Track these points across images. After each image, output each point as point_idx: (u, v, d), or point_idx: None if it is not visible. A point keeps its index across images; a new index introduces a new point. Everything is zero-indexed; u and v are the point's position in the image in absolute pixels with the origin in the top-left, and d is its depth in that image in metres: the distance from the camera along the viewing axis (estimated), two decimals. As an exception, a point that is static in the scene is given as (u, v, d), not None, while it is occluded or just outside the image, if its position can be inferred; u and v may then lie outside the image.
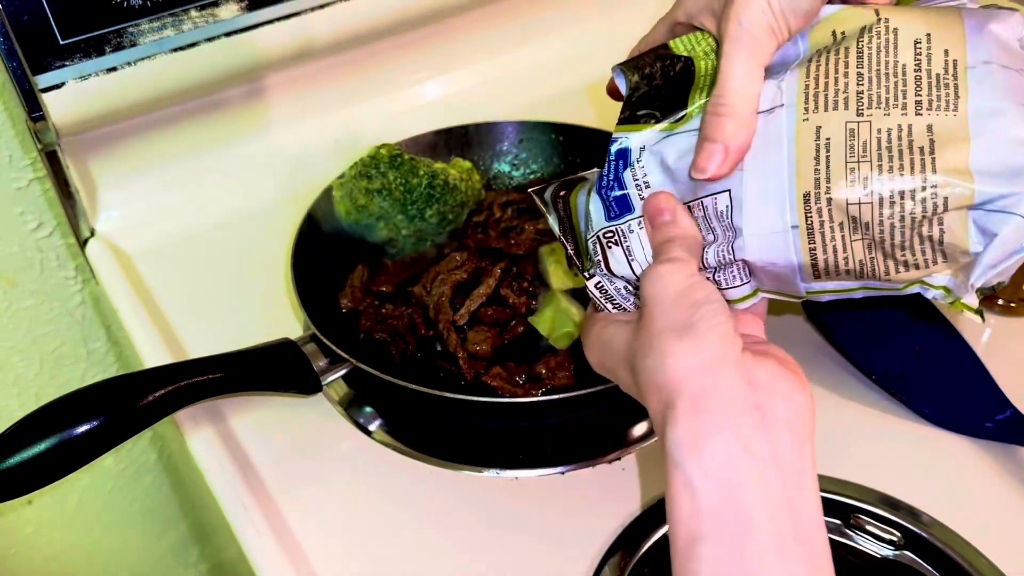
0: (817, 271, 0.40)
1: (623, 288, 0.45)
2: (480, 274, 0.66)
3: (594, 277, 0.45)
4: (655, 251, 0.43)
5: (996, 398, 0.60)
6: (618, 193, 0.45)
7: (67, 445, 0.50)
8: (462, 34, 0.86)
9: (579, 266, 0.47)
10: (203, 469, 0.58)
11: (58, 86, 0.65)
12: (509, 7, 0.87)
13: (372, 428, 0.61)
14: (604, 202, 0.45)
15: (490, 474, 0.58)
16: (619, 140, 0.45)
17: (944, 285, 0.39)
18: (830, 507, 0.55)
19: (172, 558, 1.14)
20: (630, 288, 0.45)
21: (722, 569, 0.34)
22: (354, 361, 0.58)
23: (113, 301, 0.70)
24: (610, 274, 0.45)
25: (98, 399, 0.52)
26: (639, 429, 0.60)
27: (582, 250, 0.47)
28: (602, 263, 0.45)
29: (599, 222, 0.45)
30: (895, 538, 0.54)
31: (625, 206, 0.45)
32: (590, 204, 0.46)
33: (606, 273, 0.45)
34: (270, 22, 0.71)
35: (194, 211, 0.77)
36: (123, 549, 1.09)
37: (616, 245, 0.45)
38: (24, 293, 0.84)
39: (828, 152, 0.38)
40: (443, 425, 0.62)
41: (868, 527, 0.54)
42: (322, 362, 0.60)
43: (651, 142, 0.44)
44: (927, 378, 0.61)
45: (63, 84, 0.66)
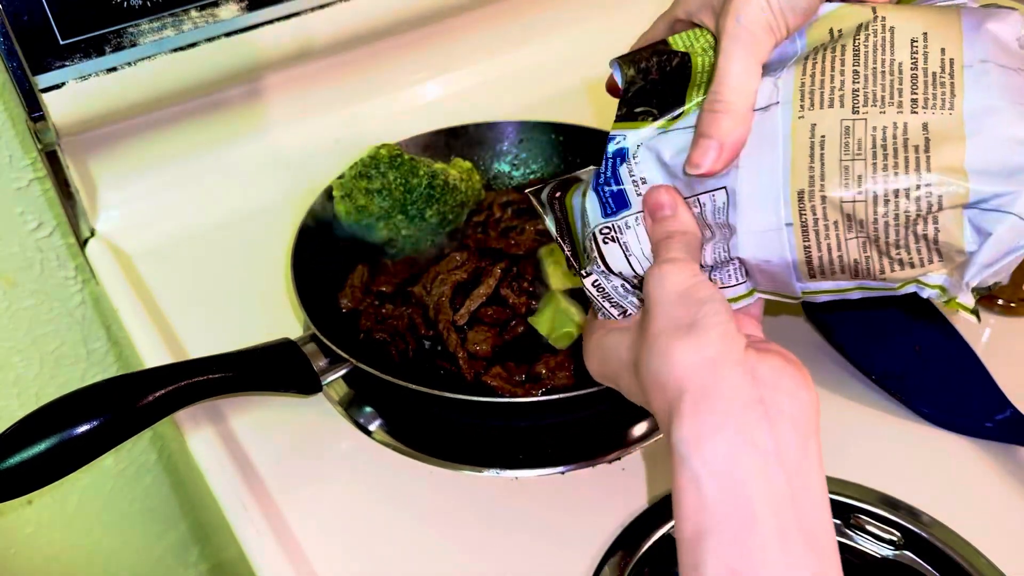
0: (812, 270, 0.40)
1: (620, 287, 0.45)
2: (480, 274, 0.66)
3: (591, 275, 0.45)
4: (654, 246, 0.43)
5: (996, 398, 0.60)
6: (615, 189, 0.45)
7: (67, 445, 0.50)
8: (462, 34, 0.86)
9: (576, 267, 0.47)
10: (203, 469, 0.58)
11: (58, 86, 0.65)
12: (509, 7, 0.87)
13: (372, 428, 0.61)
14: (600, 199, 0.45)
15: (490, 474, 0.58)
16: (616, 138, 0.45)
17: (940, 284, 0.39)
18: (830, 507, 0.55)
19: (172, 558, 1.14)
20: (627, 286, 0.45)
21: (726, 563, 0.34)
22: (354, 361, 0.58)
23: (113, 301, 0.70)
24: (607, 271, 0.45)
25: (98, 399, 0.52)
26: (639, 429, 0.60)
27: (579, 251, 0.47)
28: (599, 260, 0.45)
29: (595, 219, 0.45)
30: (895, 538, 0.54)
31: (622, 202, 0.45)
32: (586, 202, 0.46)
33: (603, 270, 0.45)
34: (270, 22, 0.71)
35: (194, 211, 0.77)
36: (123, 549, 1.08)
37: (612, 241, 0.44)
38: (24, 293, 0.84)
39: (823, 150, 0.38)
40: (443, 425, 0.62)
41: (868, 527, 0.54)
42: (322, 362, 0.60)
43: (648, 139, 0.44)
44: (927, 378, 0.61)
45: (63, 84, 0.66)
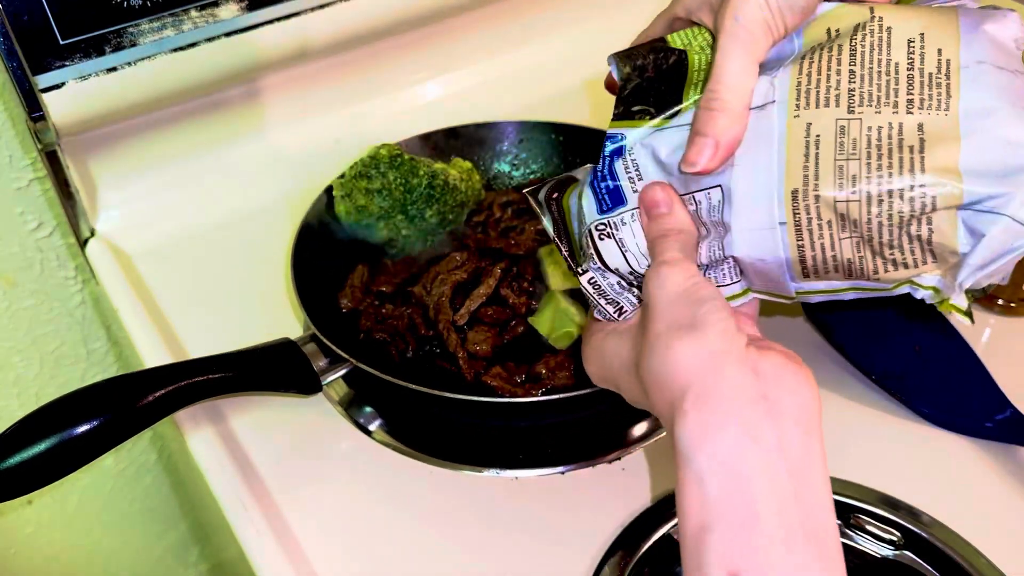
0: (806, 269, 0.40)
1: (616, 284, 0.45)
2: (480, 274, 0.66)
3: (587, 273, 0.45)
4: (650, 244, 0.43)
5: (996, 398, 0.60)
6: (611, 186, 0.45)
7: (67, 445, 0.50)
8: (462, 34, 0.86)
9: (574, 266, 0.47)
10: (203, 469, 0.58)
11: (58, 86, 0.65)
12: (509, 7, 0.87)
13: (372, 428, 0.61)
14: (597, 195, 0.45)
15: (490, 474, 0.58)
16: (614, 137, 0.45)
17: (933, 286, 0.39)
18: (832, 501, 0.55)
19: (172, 558, 1.14)
20: (623, 283, 0.45)
21: (729, 559, 0.34)
22: (354, 361, 0.58)
23: (113, 301, 0.69)
24: (603, 267, 0.45)
25: (98, 399, 0.52)
26: (639, 429, 0.60)
27: (576, 251, 0.47)
28: (595, 256, 0.45)
29: (591, 215, 0.45)
30: (895, 538, 0.54)
31: (618, 199, 0.45)
32: (583, 199, 0.46)
33: (599, 267, 0.45)
34: (270, 22, 0.71)
35: (194, 211, 0.77)
36: (123, 549, 1.08)
37: (608, 237, 0.44)
38: (24, 293, 0.84)
39: (818, 149, 0.38)
40: (443, 425, 0.62)
41: (868, 527, 0.54)
42: (322, 362, 0.60)
43: (644, 136, 0.44)
44: (927, 378, 0.61)
45: (63, 84, 0.66)
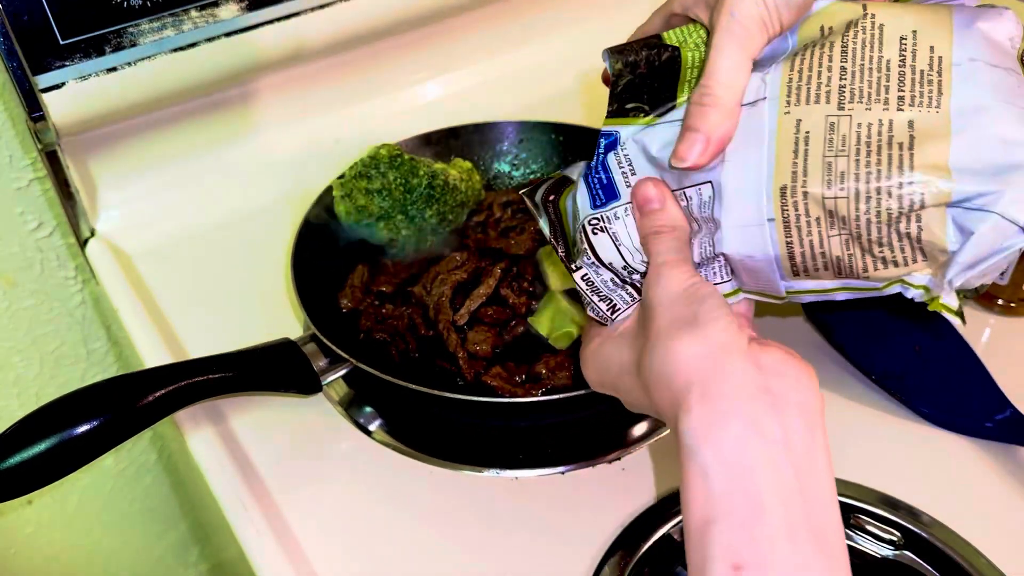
0: (795, 267, 0.40)
1: (610, 280, 0.45)
2: (480, 274, 0.66)
3: (580, 270, 0.45)
4: (644, 240, 0.43)
5: (996, 398, 0.60)
6: (604, 181, 0.45)
7: (67, 445, 0.50)
8: (462, 34, 0.86)
9: (569, 265, 0.47)
10: (203, 469, 0.58)
11: (58, 86, 0.65)
12: (509, 7, 0.87)
13: (372, 428, 0.61)
14: (591, 190, 0.45)
15: (490, 474, 0.58)
16: (608, 135, 0.45)
17: (924, 285, 0.39)
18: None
19: (172, 558, 1.14)
20: (617, 280, 0.45)
21: (733, 552, 0.34)
22: (354, 361, 0.58)
23: (113, 301, 0.69)
24: (597, 263, 0.45)
25: (98, 399, 0.52)
26: (639, 429, 0.60)
27: (572, 251, 0.47)
28: (588, 251, 0.45)
29: (585, 210, 0.45)
30: (895, 538, 0.54)
31: (611, 193, 0.45)
32: (577, 195, 0.46)
33: (593, 262, 0.45)
34: (270, 22, 0.71)
35: (194, 211, 0.77)
36: (123, 549, 1.08)
37: (602, 232, 0.44)
38: (24, 293, 0.84)
39: (807, 145, 0.38)
40: (443, 425, 0.62)
41: (868, 527, 0.54)
42: (322, 362, 0.60)
43: (636, 132, 0.44)
44: (927, 378, 0.61)
45: (63, 84, 0.66)
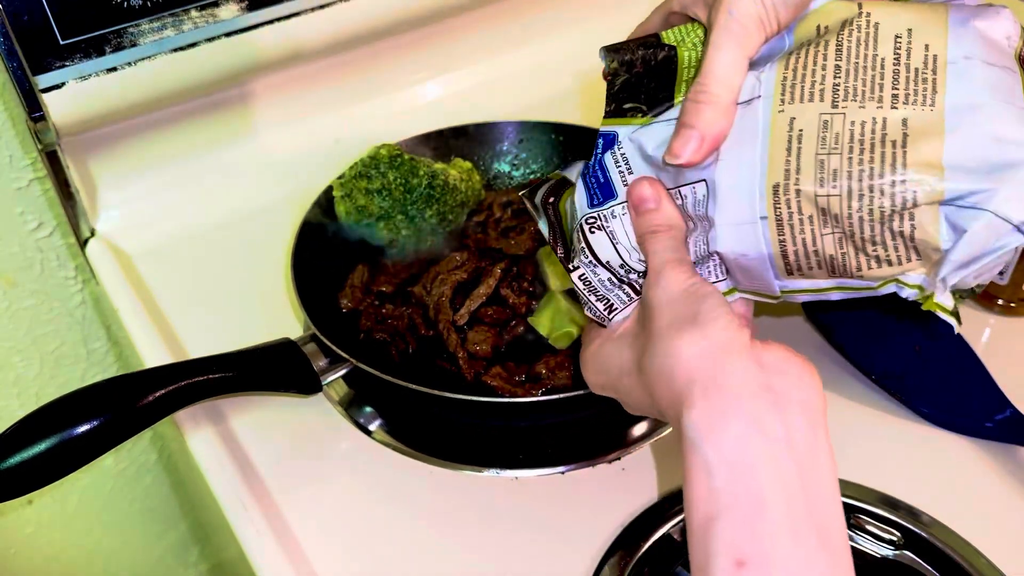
0: (789, 266, 0.40)
1: (607, 280, 0.45)
2: (480, 274, 0.66)
3: (578, 269, 0.45)
4: (640, 240, 0.43)
5: (996, 398, 0.60)
6: (601, 179, 0.45)
7: (67, 445, 0.50)
8: (462, 34, 0.86)
9: (567, 266, 0.47)
10: (203, 469, 0.58)
11: (58, 86, 0.65)
12: (509, 7, 0.87)
13: (372, 428, 0.61)
14: (588, 189, 0.46)
15: (490, 474, 0.58)
16: (606, 135, 0.45)
17: (919, 284, 0.39)
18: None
19: (172, 558, 1.14)
20: (614, 280, 0.45)
21: (736, 548, 0.34)
22: (354, 361, 0.58)
23: (113, 301, 0.69)
24: (595, 261, 0.45)
25: (98, 399, 0.52)
26: (639, 429, 0.60)
27: (570, 253, 0.47)
28: (586, 250, 0.45)
29: (582, 209, 0.45)
30: (895, 538, 0.54)
31: (608, 192, 0.45)
32: (575, 195, 0.46)
33: (590, 261, 0.45)
34: (270, 22, 0.71)
35: (194, 211, 0.77)
36: (123, 549, 1.08)
37: (599, 230, 0.45)
38: (24, 293, 0.84)
39: (800, 144, 0.38)
40: (443, 425, 0.62)
41: (868, 527, 0.54)
42: (322, 362, 0.60)
43: (633, 131, 0.44)
44: (927, 378, 0.61)
45: (63, 84, 0.66)
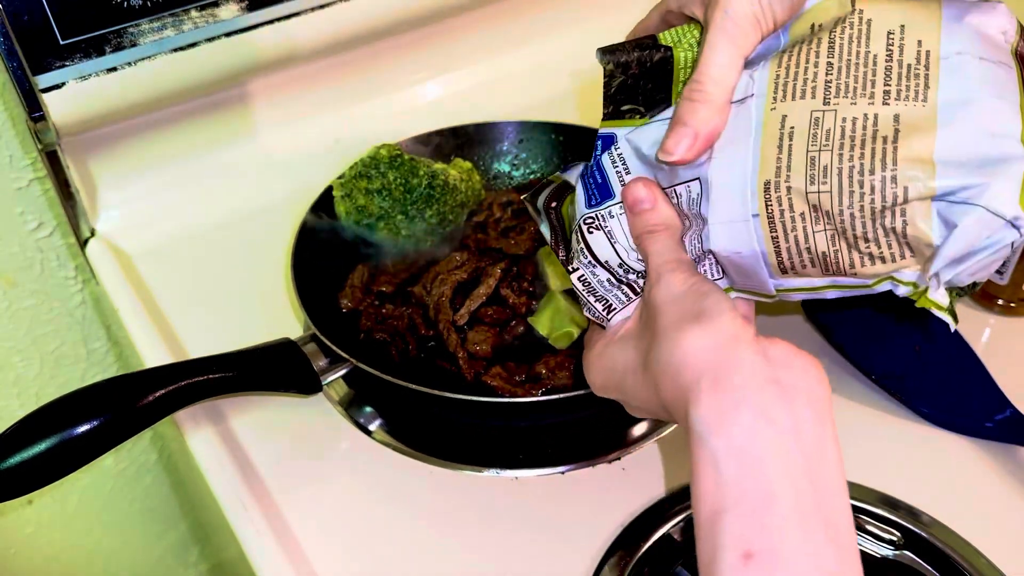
0: (782, 264, 0.40)
1: (606, 281, 0.45)
2: (480, 274, 0.66)
3: (577, 271, 0.45)
4: (637, 241, 0.44)
5: (996, 398, 0.60)
6: (598, 180, 0.45)
7: (67, 445, 0.50)
8: (462, 34, 0.86)
9: (567, 267, 0.47)
10: (203, 469, 0.58)
11: (58, 86, 0.65)
12: (509, 7, 0.87)
13: (372, 428, 0.61)
14: (586, 190, 0.46)
15: (490, 474, 0.58)
16: (605, 136, 0.45)
17: (913, 282, 0.39)
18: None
19: (172, 558, 1.14)
20: (613, 280, 0.45)
21: (744, 541, 0.33)
22: (354, 361, 0.58)
23: (113, 301, 0.69)
24: (594, 261, 0.45)
25: (98, 399, 0.52)
26: (639, 429, 0.60)
27: (571, 255, 0.47)
28: (584, 250, 0.45)
29: (581, 210, 0.46)
30: (895, 538, 0.54)
31: (606, 192, 0.45)
32: (575, 196, 0.46)
33: (589, 261, 0.45)
34: (270, 22, 0.71)
35: (194, 211, 0.77)
36: (123, 549, 1.08)
37: (598, 230, 0.45)
38: (24, 293, 0.84)
39: (791, 141, 0.38)
40: (443, 425, 0.62)
41: (868, 527, 0.54)
42: (322, 362, 0.60)
43: (630, 131, 0.44)
44: (927, 378, 0.61)
45: (63, 84, 0.66)
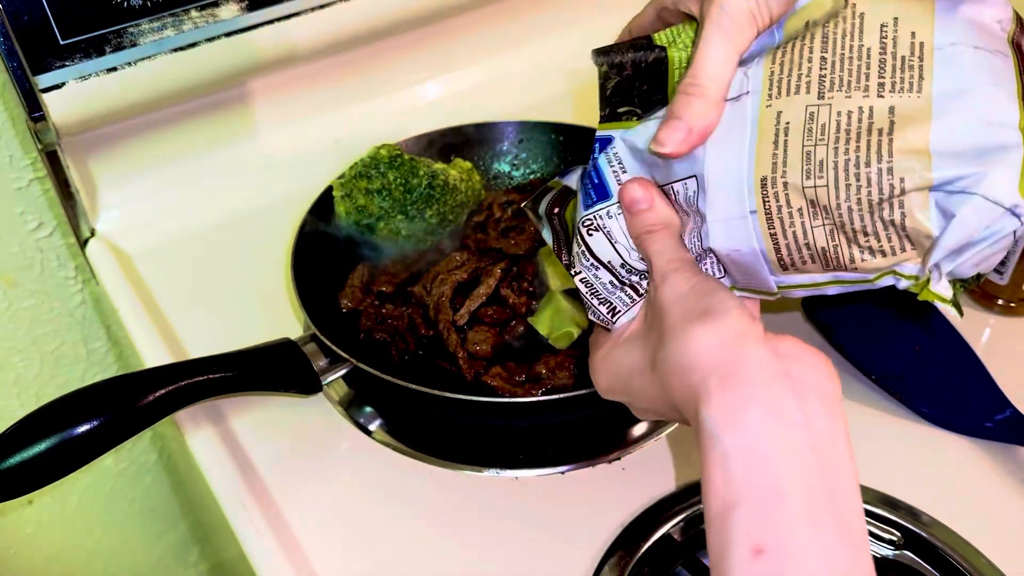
0: (782, 260, 0.40)
1: (608, 283, 0.45)
2: (480, 274, 0.66)
3: (580, 274, 0.45)
4: (637, 241, 0.44)
5: (996, 398, 0.60)
6: (596, 181, 0.45)
7: (67, 445, 0.50)
8: (462, 34, 0.86)
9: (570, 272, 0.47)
10: (203, 469, 0.58)
11: (58, 86, 0.65)
12: (509, 7, 0.87)
13: (372, 428, 0.61)
14: (585, 193, 0.46)
15: (490, 474, 0.58)
16: (602, 138, 0.45)
17: (915, 275, 0.39)
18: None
19: (172, 558, 1.14)
20: (615, 282, 0.45)
21: (754, 536, 0.33)
22: (354, 361, 0.58)
23: (113, 301, 0.69)
24: (595, 263, 0.45)
25: (98, 399, 0.52)
26: (639, 429, 0.60)
27: (573, 259, 0.47)
28: (586, 252, 0.45)
29: (580, 212, 0.46)
30: (895, 538, 0.54)
31: (603, 193, 0.45)
32: (576, 199, 0.47)
33: (591, 263, 0.45)
34: (270, 22, 0.71)
35: (194, 211, 0.77)
36: (123, 549, 1.08)
37: (597, 231, 0.45)
38: (24, 293, 0.84)
39: (787, 136, 0.38)
40: (443, 425, 0.62)
41: (868, 527, 0.54)
42: (322, 362, 0.60)
43: (626, 132, 0.44)
44: (927, 378, 0.61)
45: (63, 84, 0.66)
